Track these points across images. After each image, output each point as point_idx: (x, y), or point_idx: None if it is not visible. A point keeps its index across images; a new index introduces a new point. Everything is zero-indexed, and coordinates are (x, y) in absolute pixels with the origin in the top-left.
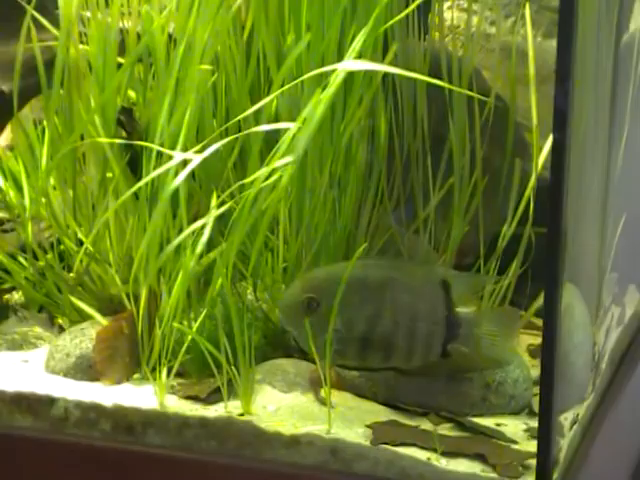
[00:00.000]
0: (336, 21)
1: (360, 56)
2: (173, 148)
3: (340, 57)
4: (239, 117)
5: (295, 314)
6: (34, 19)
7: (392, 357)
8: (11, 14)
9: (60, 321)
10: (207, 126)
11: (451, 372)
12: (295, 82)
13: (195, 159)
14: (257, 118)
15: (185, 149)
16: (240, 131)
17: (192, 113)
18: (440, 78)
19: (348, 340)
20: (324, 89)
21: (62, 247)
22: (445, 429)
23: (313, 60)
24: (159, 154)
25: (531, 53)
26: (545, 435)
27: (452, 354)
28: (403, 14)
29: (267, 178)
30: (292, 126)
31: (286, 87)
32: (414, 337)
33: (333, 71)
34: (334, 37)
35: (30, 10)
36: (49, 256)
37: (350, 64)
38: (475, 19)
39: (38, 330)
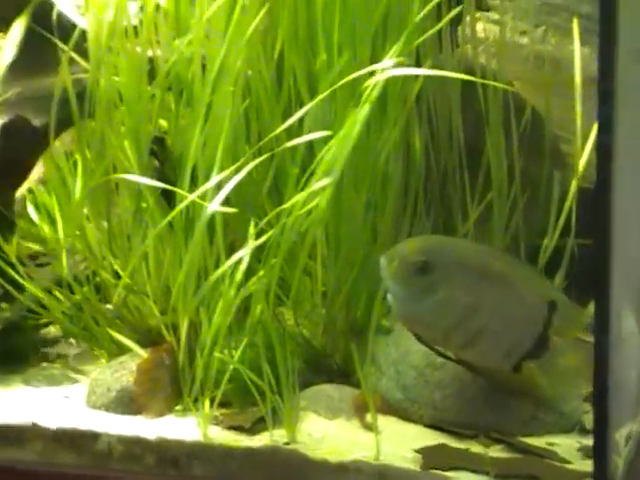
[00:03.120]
0: (367, 40)
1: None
2: (207, 176)
3: (372, 76)
4: (271, 135)
5: (401, 273)
6: (63, 52)
7: (472, 349)
8: (40, 48)
9: (99, 354)
10: (240, 152)
11: (511, 388)
12: (323, 95)
13: (229, 183)
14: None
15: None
16: (273, 155)
17: (225, 139)
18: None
19: (442, 316)
20: (358, 106)
21: (98, 279)
22: (495, 451)
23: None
24: (193, 182)
25: (577, 63)
26: (601, 453)
27: (522, 371)
28: (435, 29)
29: (304, 202)
30: (321, 134)
31: (317, 99)
32: (501, 338)
33: (366, 89)
34: (366, 56)
35: (62, 46)
36: (85, 289)
37: (387, 65)
38: (505, 30)
39: (78, 365)
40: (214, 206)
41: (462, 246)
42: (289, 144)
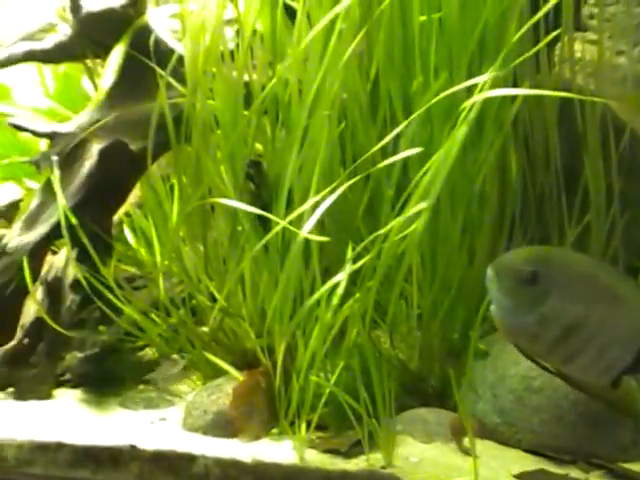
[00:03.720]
0: (464, 61)
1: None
2: (303, 198)
3: (469, 97)
4: (365, 156)
5: (508, 283)
6: (161, 77)
7: (574, 362)
8: (139, 73)
9: (195, 377)
10: (335, 175)
11: (608, 405)
12: (415, 114)
13: (322, 206)
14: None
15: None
16: (368, 178)
17: (321, 162)
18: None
19: (548, 328)
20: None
21: (194, 302)
22: (595, 477)
23: (441, 103)
24: (289, 206)
25: None
26: None
27: (620, 387)
28: (533, 51)
29: (401, 226)
30: (415, 151)
31: (410, 118)
32: (604, 351)
33: (463, 110)
34: (462, 78)
35: (161, 71)
36: (181, 311)
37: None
38: (602, 50)
39: (174, 387)
40: (308, 228)
41: (570, 257)
42: (384, 163)
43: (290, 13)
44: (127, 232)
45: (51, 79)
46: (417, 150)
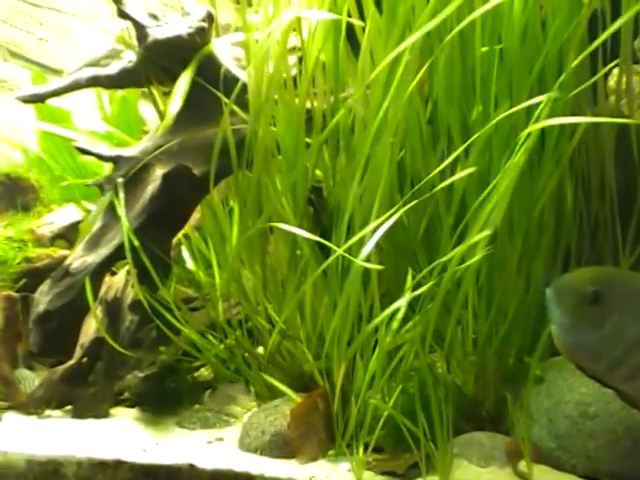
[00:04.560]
0: (524, 92)
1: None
2: (363, 225)
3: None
4: (423, 182)
5: (570, 303)
6: (225, 104)
7: (634, 381)
8: (203, 100)
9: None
10: (395, 201)
11: None
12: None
13: (379, 231)
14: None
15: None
16: (426, 204)
17: (382, 189)
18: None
19: (610, 347)
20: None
21: (250, 324)
22: None
23: (500, 131)
24: (349, 231)
25: None
26: None
27: None
28: (591, 81)
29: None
30: (468, 171)
31: (467, 143)
32: None
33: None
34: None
35: (224, 98)
36: (238, 333)
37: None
38: None
39: (231, 407)
40: (366, 254)
41: (631, 277)
42: (440, 186)
43: (352, 42)
44: (185, 254)
45: (108, 103)
46: (470, 170)
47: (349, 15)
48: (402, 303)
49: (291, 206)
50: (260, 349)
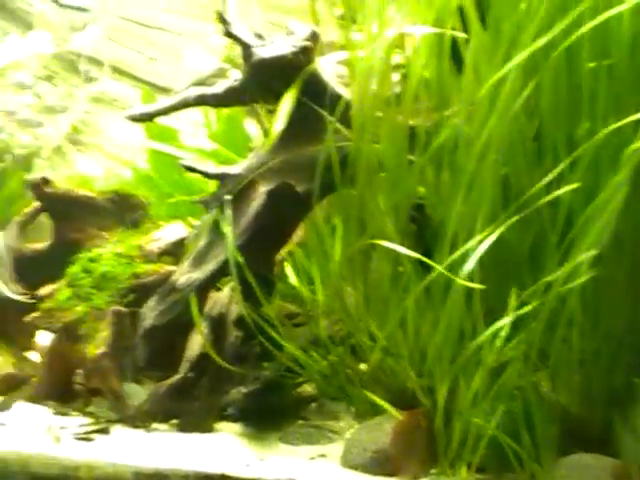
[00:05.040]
0: (633, 107)
1: None
2: (467, 241)
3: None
4: (526, 197)
5: None
6: (329, 122)
7: None
8: (306, 119)
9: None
10: (499, 218)
11: None
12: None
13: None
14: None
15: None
16: (532, 221)
17: (485, 207)
18: None
19: None
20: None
21: (352, 340)
22: None
23: (607, 147)
24: (452, 248)
25: None
26: None
27: None
28: None
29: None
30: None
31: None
32: None
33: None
34: (631, 124)
35: (328, 117)
36: (340, 349)
37: None
38: None
39: (333, 424)
40: (467, 270)
41: None
42: (544, 200)
43: (456, 58)
44: (289, 270)
45: (214, 121)
46: (575, 185)
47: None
48: (505, 322)
49: (394, 223)
50: (363, 366)
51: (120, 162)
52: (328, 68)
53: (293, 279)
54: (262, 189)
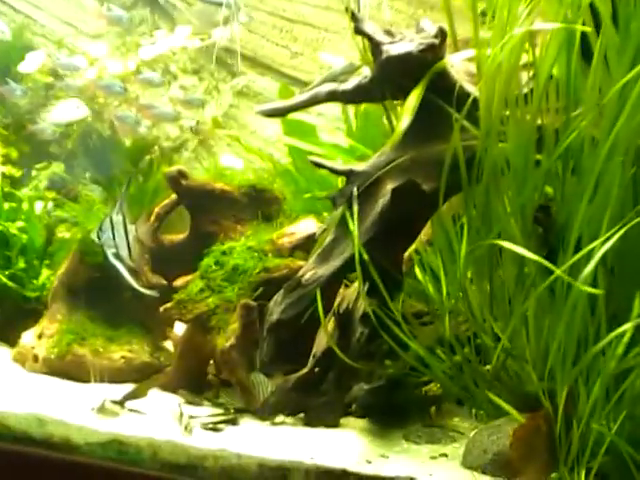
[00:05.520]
0: None
1: None
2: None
3: None
4: None
5: None
6: (456, 120)
7: None
8: (433, 116)
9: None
10: (627, 220)
11: None
12: None
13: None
14: None
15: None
16: None
17: (612, 209)
18: None
19: None
20: None
21: (478, 341)
22: None
23: None
24: (577, 250)
25: None
26: None
27: None
28: None
29: None
30: None
31: None
32: None
33: None
34: None
35: (456, 114)
36: (466, 350)
37: None
38: None
39: (457, 423)
40: (587, 272)
41: None
42: None
43: (589, 57)
44: (416, 268)
45: (353, 117)
46: None
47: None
48: (628, 327)
49: (519, 224)
50: (488, 367)
51: (261, 156)
52: (458, 66)
53: (420, 277)
54: (388, 187)
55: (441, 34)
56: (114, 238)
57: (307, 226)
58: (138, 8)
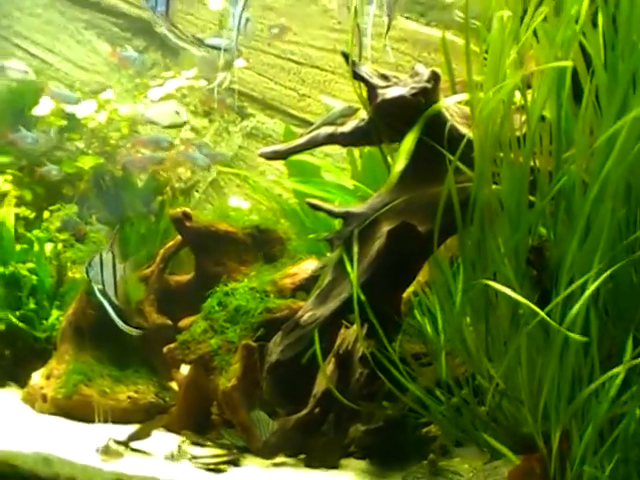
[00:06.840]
0: None
1: None
2: (584, 285)
3: None
4: None
5: None
6: (450, 162)
7: None
8: (428, 159)
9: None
10: (618, 259)
11: None
12: None
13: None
14: None
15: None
16: None
17: (602, 250)
18: None
19: None
20: None
21: (477, 382)
22: None
23: None
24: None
25: None
26: None
27: None
28: None
29: None
30: None
31: None
32: None
33: None
34: None
35: (450, 156)
36: (464, 391)
37: None
38: None
39: (457, 464)
40: (574, 312)
41: None
42: None
43: (580, 98)
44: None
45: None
46: None
47: (574, 72)
48: (619, 369)
49: (513, 265)
50: (484, 408)
51: (268, 197)
52: (453, 108)
53: (419, 318)
54: (384, 228)
55: (434, 78)
56: (102, 275)
57: (310, 267)
58: (150, 52)
